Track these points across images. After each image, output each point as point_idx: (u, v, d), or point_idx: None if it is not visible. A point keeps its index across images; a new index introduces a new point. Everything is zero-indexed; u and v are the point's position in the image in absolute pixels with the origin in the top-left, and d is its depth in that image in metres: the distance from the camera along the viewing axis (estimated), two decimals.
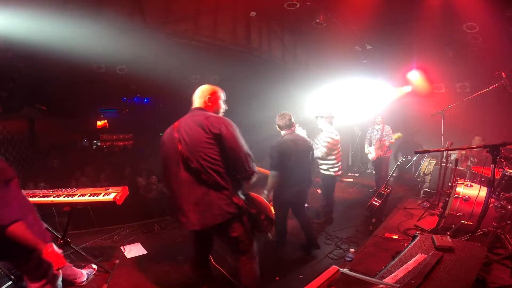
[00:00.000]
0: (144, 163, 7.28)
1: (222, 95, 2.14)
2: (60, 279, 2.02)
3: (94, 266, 2.83)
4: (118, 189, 2.73)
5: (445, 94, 6.63)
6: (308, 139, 3.38)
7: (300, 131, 3.88)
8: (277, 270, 3.00)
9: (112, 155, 8.60)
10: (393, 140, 5.59)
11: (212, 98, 2.08)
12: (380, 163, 5.71)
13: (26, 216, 1.73)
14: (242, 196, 1.97)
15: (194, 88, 2.14)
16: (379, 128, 5.77)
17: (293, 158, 3.08)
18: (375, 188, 5.77)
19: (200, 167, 1.83)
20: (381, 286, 1.20)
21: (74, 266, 2.61)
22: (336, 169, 4.11)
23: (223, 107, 2.15)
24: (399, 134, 5.51)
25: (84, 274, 2.62)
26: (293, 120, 3.27)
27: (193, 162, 1.84)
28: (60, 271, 2.01)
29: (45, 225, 2.67)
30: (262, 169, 3.11)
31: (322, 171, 4.17)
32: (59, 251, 1.83)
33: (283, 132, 3.27)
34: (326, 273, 1.25)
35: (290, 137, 3.20)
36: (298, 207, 3.38)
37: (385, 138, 5.63)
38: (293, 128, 3.29)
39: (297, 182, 3.18)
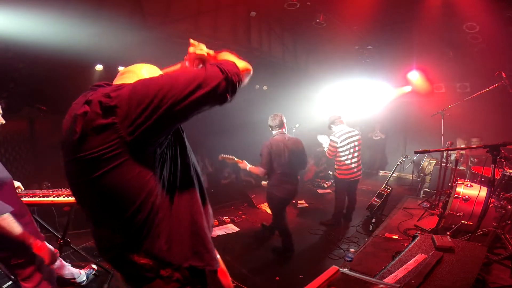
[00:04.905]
0: None
1: None
2: (54, 279, 2.01)
3: (94, 266, 2.83)
4: None
5: (445, 94, 6.64)
6: (299, 139, 3.44)
7: (323, 139, 4.18)
8: (277, 270, 3.01)
9: None
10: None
11: None
12: None
13: (20, 214, 1.75)
14: None
15: None
16: None
17: (283, 158, 3.17)
18: None
19: None
20: (381, 286, 1.19)
21: (74, 266, 2.60)
22: (345, 172, 4.06)
23: None
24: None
25: (83, 273, 2.62)
26: (284, 120, 3.34)
27: None
28: (54, 271, 2.02)
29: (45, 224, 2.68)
30: (252, 169, 3.25)
31: (335, 172, 4.24)
32: (51, 247, 1.85)
33: (273, 132, 3.35)
34: (326, 273, 1.25)
35: (280, 137, 3.26)
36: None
37: None
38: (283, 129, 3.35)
39: (289, 181, 3.26)
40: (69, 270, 2.49)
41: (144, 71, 1.15)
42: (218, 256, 1.24)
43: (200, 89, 0.88)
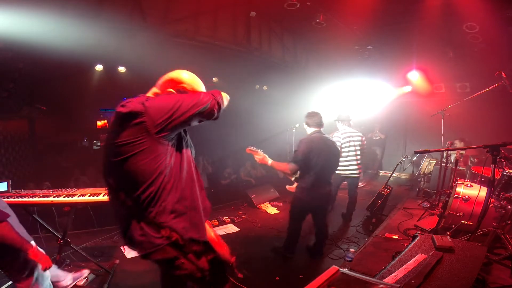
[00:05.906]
0: None
1: None
2: (48, 280, 2.00)
3: (85, 271, 2.71)
4: None
5: (445, 94, 6.65)
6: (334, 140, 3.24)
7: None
8: (277, 270, 3.01)
9: None
10: None
11: None
12: None
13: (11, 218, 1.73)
14: None
15: None
16: None
17: (322, 158, 2.95)
18: None
19: None
20: (381, 286, 1.19)
21: (74, 266, 2.59)
22: (343, 168, 4.15)
23: None
24: None
25: (69, 277, 2.51)
26: (322, 120, 3.15)
27: None
28: (48, 272, 2.00)
29: (45, 224, 2.67)
30: (276, 164, 3.00)
31: None
32: (43, 251, 1.83)
33: (311, 130, 3.15)
34: (326, 273, 1.25)
35: (319, 135, 3.07)
36: (320, 212, 3.23)
37: None
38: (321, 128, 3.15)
39: (323, 184, 3.08)
40: (54, 272, 2.41)
41: (184, 82, 1.51)
42: (214, 230, 1.78)
43: (199, 105, 1.35)
